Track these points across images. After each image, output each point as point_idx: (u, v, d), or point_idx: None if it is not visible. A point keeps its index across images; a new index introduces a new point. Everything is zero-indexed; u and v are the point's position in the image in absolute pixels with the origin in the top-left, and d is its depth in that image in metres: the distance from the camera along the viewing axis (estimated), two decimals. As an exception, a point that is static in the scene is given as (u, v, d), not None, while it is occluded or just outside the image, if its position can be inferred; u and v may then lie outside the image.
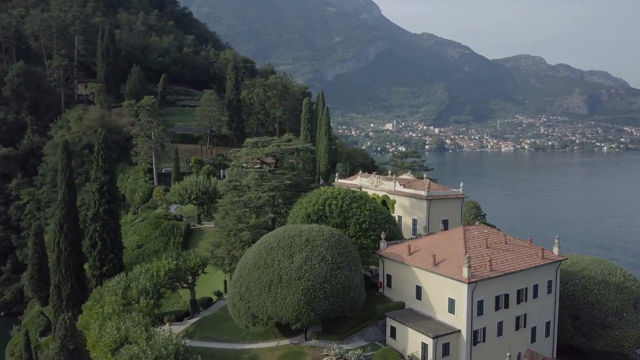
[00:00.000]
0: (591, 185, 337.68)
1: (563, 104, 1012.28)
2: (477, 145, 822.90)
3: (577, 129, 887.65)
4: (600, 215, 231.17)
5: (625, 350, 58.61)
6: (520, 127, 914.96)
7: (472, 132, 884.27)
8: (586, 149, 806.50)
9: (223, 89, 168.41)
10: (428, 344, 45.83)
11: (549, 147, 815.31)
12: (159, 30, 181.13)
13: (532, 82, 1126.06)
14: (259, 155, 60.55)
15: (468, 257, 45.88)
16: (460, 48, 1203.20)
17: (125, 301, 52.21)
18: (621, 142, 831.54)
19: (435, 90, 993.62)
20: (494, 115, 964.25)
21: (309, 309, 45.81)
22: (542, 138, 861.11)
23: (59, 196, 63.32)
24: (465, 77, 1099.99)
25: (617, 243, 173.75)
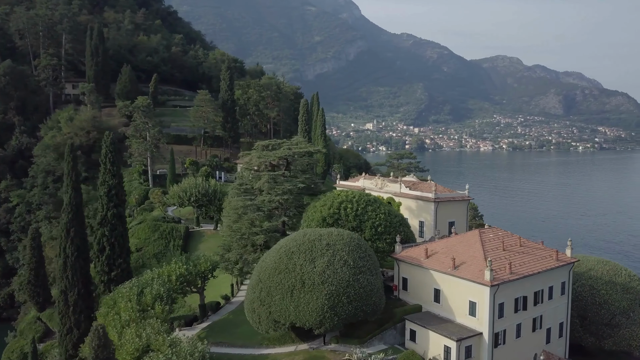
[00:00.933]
0: (570, 185, 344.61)
1: (539, 104, 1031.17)
2: (456, 145, 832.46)
3: (553, 129, 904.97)
4: (580, 213, 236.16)
5: (633, 349, 59.95)
6: (498, 127, 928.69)
7: (451, 132, 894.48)
8: (562, 148, 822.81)
9: (212, 89, 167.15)
10: (451, 347, 46.19)
11: (526, 147, 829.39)
12: (146, 29, 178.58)
13: (509, 83, 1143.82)
14: (271, 159, 60.22)
15: (490, 261, 46.39)
16: (439, 48, 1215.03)
17: (139, 307, 51.44)
18: (596, 142, 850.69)
19: (415, 90, 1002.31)
20: (473, 115, 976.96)
21: (333, 314, 45.73)
22: (519, 138, 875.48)
23: (65, 200, 61.90)
24: (444, 77, 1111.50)
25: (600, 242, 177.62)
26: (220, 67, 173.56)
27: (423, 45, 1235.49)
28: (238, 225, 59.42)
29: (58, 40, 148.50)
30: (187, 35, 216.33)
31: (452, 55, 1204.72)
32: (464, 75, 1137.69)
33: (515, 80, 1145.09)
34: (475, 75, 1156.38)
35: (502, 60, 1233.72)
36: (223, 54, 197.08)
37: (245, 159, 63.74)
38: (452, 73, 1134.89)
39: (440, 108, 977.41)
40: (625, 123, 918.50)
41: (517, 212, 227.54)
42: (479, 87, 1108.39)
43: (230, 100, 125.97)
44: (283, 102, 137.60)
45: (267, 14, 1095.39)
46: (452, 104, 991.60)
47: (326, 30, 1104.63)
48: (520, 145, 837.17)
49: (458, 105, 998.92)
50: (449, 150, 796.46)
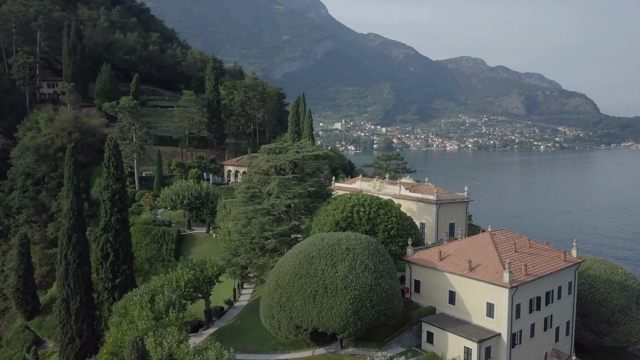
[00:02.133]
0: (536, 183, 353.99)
1: (502, 105, 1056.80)
2: (423, 145, 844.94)
3: (516, 129, 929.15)
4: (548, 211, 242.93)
5: (631, 345, 62.35)
6: (463, 126, 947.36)
7: (418, 132, 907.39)
8: (525, 147, 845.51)
9: (191, 88, 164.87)
10: (472, 348, 46.96)
11: (490, 146, 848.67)
12: (122, 27, 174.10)
13: (474, 83, 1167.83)
14: (281, 162, 59.84)
15: (509, 263, 47.36)
16: (405, 49, 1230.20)
17: (153, 315, 50.31)
18: (556, 142, 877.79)
19: (382, 90, 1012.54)
20: (439, 115, 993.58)
21: (357, 318, 45.83)
22: (484, 137, 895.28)
23: (65, 205, 59.93)
24: (410, 78, 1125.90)
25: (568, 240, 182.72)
26: (199, 66, 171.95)
27: (390, 46, 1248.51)
28: (248, 229, 58.83)
29: (32, 38, 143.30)
30: (161, 34, 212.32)
31: (418, 55, 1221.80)
32: (430, 75, 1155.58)
33: (479, 81, 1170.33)
34: (441, 76, 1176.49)
35: (467, 61, 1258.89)
36: (201, 53, 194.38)
37: (254, 162, 63.03)
38: (418, 73, 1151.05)
39: (407, 108, 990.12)
40: (583, 123, 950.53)
41: (490, 209, 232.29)
42: (444, 87, 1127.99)
43: (216, 101, 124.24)
44: (269, 103, 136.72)
45: (234, 12, 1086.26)
46: (419, 104, 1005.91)
47: (294, 29, 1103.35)
48: (485, 144, 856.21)
49: (424, 105, 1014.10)
50: (416, 150, 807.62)
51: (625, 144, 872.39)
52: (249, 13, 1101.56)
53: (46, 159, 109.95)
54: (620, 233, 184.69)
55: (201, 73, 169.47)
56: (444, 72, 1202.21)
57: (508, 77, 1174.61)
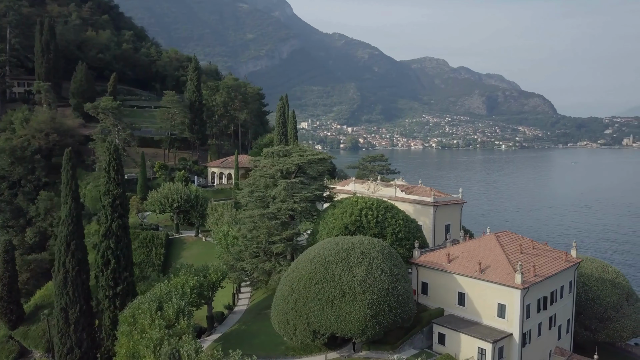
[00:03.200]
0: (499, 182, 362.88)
1: (465, 105, 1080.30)
2: (388, 144, 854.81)
3: (478, 128, 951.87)
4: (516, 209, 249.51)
5: (623, 340, 64.90)
6: (427, 126, 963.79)
7: (383, 131, 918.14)
8: (487, 147, 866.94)
9: (167, 88, 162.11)
10: (486, 348, 47.93)
11: (454, 146, 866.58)
12: (93, 25, 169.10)
13: (437, 84, 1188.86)
14: (287, 166, 59.50)
15: (520, 265, 48.57)
16: (370, 49, 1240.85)
17: (165, 323, 49.30)
18: (517, 141, 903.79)
19: (348, 89, 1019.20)
20: (403, 115, 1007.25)
21: (375, 322, 46.08)
22: (447, 137, 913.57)
23: (63, 211, 57.86)
24: (375, 78, 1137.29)
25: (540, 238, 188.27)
26: (174, 65, 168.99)
27: (354, 46, 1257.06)
28: (254, 234, 58.33)
29: (2, 35, 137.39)
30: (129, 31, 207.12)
31: (382, 55, 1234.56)
32: (394, 75, 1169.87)
33: (442, 82, 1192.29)
34: (405, 76, 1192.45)
35: (430, 62, 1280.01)
36: (177, 52, 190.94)
37: (259, 165, 62.46)
38: (383, 73, 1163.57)
39: (372, 108, 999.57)
40: (541, 123, 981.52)
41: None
42: (409, 87, 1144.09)
43: (198, 101, 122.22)
44: (251, 104, 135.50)
45: (198, 10, 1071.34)
46: (383, 104, 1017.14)
47: (259, 27, 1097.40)
48: (448, 144, 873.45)
49: (389, 105, 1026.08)
50: (382, 149, 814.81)
51: (581, 143, 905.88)
52: (213, 11, 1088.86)
53: (22, 161, 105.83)
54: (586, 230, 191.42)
55: (177, 72, 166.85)
56: (408, 73, 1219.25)
57: (470, 78, 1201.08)
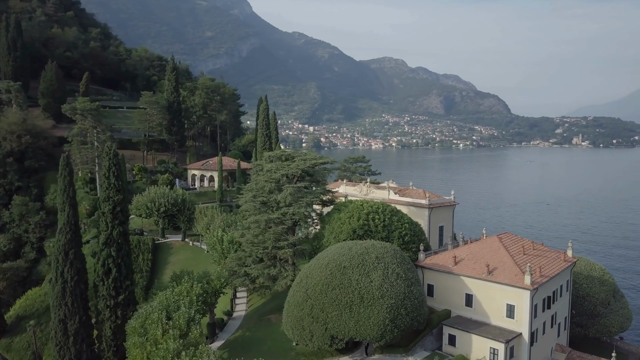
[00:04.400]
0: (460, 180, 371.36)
1: (423, 104, 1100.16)
2: (349, 143, 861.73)
3: (436, 128, 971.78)
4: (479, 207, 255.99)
5: (612, 334, 67.79)
6: (387, 125, 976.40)
7: (344, 131, 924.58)
8: (445, 146, 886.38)
9: (137, 88, 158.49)
10: (499, 348, 49.16)
11: (413, 145, 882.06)
12: (58, 22, 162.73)
13: (396, 83, 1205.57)
14: (292, 171, 59.20)
15: (529, 266, 50.07)
16: (330, 48, 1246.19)
17: (179, 333, 48.23)
18: (473, 140, 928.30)
19: (308, 89, 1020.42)
20: (363, 114, 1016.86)
21: (393, 326, 46.53)
22: (407, 136, 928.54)
23: (61, 219, 55.56)
24: (335, 77, 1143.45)
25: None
26: (145, 64, 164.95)
27: (314, 45, 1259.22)
28: (261, 239, 57.81)
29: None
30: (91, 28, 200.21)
31: (342, 55, 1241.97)
32: (354, 75, 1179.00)
33: (401, 81, 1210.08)
34: (364, 76, 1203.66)
35: (389, 62, 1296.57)
36: (146, 50, 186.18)
37: (263, 169, 61.77)
38: (343, 73, 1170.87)
39: (332, 107, 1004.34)
40: (496, 123, 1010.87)
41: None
42: (368, 87, 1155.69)
43: (177, 102, 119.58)
44: (230, 105, 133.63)
45: (155, 7, 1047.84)
46: (344, 104, 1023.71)
47: (218, 25, 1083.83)
48: (408, 143, 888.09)
49: (349, 104, 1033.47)
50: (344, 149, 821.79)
51: (534, 142, 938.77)
52: (170, 8, 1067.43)
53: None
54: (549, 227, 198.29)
55: (148, 72, 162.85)
56: (368, 72, 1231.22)
57: (428, 78, 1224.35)
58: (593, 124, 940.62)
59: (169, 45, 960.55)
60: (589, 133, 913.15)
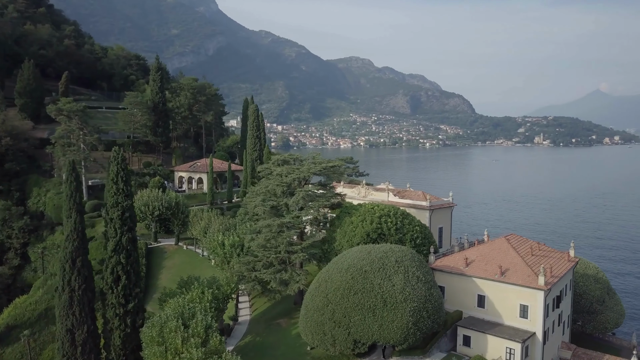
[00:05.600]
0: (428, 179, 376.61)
1: (390, 104, 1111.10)
2: (318, 142, 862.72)
3: (403, 127, 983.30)
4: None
5: (608, 330, 70.15)
6: (354, 125, 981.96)
7: (313, 130, 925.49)
8: (412, 145, 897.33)
9: (114, 87, 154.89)
10: (515, 348, 50.24)
11: (381, 144, 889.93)
12: (31, 18, 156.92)
13: (363, 83, 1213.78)
14: (304, 175, 58.95)
15: (543, 268, 51.38)
16: (297, 47, 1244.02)
17: (199, 341, 47.45)
18: (439, 139, 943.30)
19: (276, 88, 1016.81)
20: (331, 114, 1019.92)
21: (416, 329, 47.04)
22: (374, 135, 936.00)
23: (68, 226, 53.81)
24: (302, 76, 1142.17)
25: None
26: (122, 63, 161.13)
27: (281, 44, 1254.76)
28: (273, 244, 57.42)
29: None
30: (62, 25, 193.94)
31: (309, 54, 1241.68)
32: (321, 74, 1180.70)
33: (368, 81, 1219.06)
34: (332, 75, 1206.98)
35: (356, 62, 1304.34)
36: (123, 49, 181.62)
37: (275, 173, 61.25)
38: (310, 72, 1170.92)
39: (301, 106, 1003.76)
40: (461, 122, 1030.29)
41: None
42: (336, 86, 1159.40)
43: (162, 103, 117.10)
44: (215, 106, 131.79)
45: (118, 3, 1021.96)
46: (312, 103, 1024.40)
47: (183, 23, 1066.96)
48: (375, 142, 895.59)
49: (317, 103, 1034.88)
50: (312, 148, 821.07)
51: (498, 141, 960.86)
52: (134, 4, 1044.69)
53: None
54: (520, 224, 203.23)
55: (125, 71, 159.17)
56: (335, 72, 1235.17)
57: (394, 78, 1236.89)
58: (553, 123, 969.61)
59: (133, 42, 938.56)
60: (549, 132, 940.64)
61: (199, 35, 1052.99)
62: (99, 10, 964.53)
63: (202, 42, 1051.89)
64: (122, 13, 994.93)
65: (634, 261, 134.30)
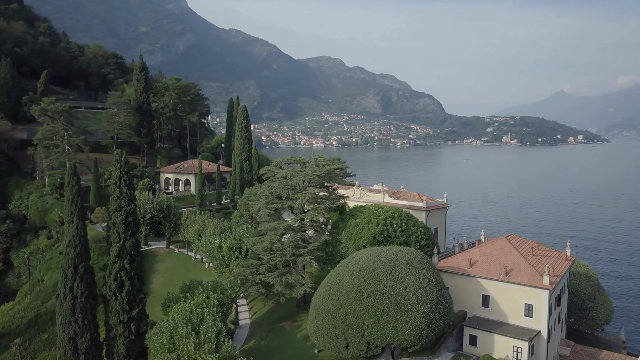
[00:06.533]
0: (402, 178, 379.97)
1: (361, 104, 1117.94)
2: (291, 142, 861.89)
3: (374, 127, 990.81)
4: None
5: (599, 327, 72.33)
6: (326, 124, 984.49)
7: (285, 129, 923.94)
8: (383, 144, 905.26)
9: (91, 87, 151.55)
10: (522, 347, 51.27)
11: (353, 144, 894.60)
12: (3, 14, 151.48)
13: (334, 83, 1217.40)
14: (310, 177, 58.76)
15: (547, 267, 52.60)
16: (268, 46, 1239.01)
17: (213, 347, 46.89)
18: (410, 139, 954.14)
19: (247, 86, 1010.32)
20: (303, 113, 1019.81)
21: (429, 330, 47.49)
22: (346, 135, 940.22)
23: (69, 231, 52.29)
24: (274, 75, 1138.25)
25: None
26: (100, 62, 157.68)
27: (252, 43, 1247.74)
28: (278, 247, 57.13)
29: None
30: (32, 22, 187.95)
31: (280, 53, 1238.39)
32: (293, 74, 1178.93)
33: (339, 81, 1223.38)
34: (303, 75, 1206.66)
35: (327, 61, 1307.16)
36: (100, 47, 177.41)
37: (280, 175, 60.83)
38: (282, 71, 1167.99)
39: (272, 105, 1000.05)
40: (431, 122, 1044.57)
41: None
42: (307, 86, 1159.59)
43: (146, 103, 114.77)
44: (200, 106, 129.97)
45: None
46: (284, 102, 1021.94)
47: (152, 20, 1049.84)
48: (348, 142, 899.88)
49: (289, 103, 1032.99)
50: (285, 147, 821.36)
51: (467, 141, 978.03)
52: (100, 0, 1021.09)
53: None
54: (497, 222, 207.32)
55: (103, 70, 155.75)
56: (306, 71, 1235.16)
57: (365, 78, 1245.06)
58: (520, 123, 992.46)
59: (100, 40, 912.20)
60: (516, 132, 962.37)
61: (168, 33, 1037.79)
62: (64, 7, 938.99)
63: (172, 40, 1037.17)
64: (88, 9, 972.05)
65: (610, 257, 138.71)
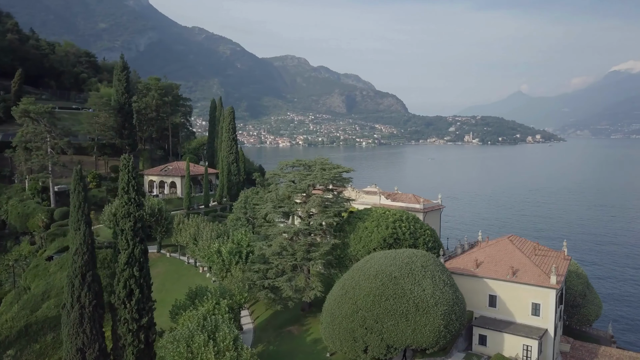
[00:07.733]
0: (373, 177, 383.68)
1: (326, 103, 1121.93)
2: (256, 141, 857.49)
3: (340, 126, 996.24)
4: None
5: (590, 323, 74.88)
6: (292, 124, 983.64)
7: (250, 128, 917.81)
8: (349, 144, 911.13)
9: (63, 86, 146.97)
10: (532, 345, 52.69)
11: (319, 143, 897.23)
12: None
13: (299, 82, 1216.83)
14: (318, 181, 58.62)
15: (555, 267, 54.19)
16: (232, 45, 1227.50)
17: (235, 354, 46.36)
18: (375, 138, 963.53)
19: (211, 85, 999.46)
20: (268, 112, 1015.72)
21: (447, 332, 48.20)
22: (312, 134, 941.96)
23: (76, 239, 50.41)
24: (238, 74, 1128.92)
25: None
26: (72, 61, 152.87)
27: (216, 41, 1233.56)
28: (290, 250, 56.84)
29: None
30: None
31: (244, 52, 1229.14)
32: (257, 72, 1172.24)
33: (304, 80, 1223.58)
34: (268, 73, 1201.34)
35: (291, 60, 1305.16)
36: (73, 45, 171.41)
37: (288, 179, 60.38)
38: (246, 70, 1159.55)
39: (237, 104, 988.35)
40: (395, 121, 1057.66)
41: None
42: (272, 85, 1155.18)
43: (128, 104, 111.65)
44: (182, 107, 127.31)
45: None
46: (248, 101, 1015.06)
47: (112, 17, 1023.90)
48: (314, 141, 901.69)
49: (254, 102, 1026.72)
50: (251, 147, 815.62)
51: (430, 140, 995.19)
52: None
53: None
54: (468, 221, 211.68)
55: (75, 69, 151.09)
56: (271, 70, 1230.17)
57: (329, 77, 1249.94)
58: (481, 122, 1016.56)
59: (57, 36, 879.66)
60: (478, 131, 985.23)
61: (128, 30, 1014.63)
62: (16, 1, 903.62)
63: (132, 37, 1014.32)
64: (44, 4, 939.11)
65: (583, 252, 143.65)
